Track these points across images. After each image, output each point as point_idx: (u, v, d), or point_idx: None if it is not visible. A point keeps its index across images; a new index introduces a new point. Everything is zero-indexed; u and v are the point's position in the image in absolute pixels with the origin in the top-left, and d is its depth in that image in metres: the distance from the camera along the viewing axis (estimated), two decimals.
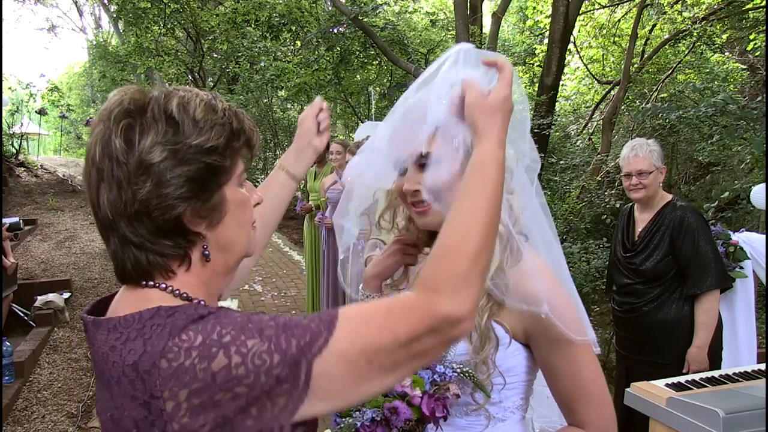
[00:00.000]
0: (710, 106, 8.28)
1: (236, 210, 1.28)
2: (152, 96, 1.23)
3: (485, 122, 1.40)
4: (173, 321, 1.12)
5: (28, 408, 6.21)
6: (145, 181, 1.16)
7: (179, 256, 1.23)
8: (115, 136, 1.18)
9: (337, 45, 15.84)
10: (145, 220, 1.18)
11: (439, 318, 1.15)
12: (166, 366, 1.07)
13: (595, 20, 16.39)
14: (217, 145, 1.21)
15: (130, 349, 1.12)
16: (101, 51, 25.74)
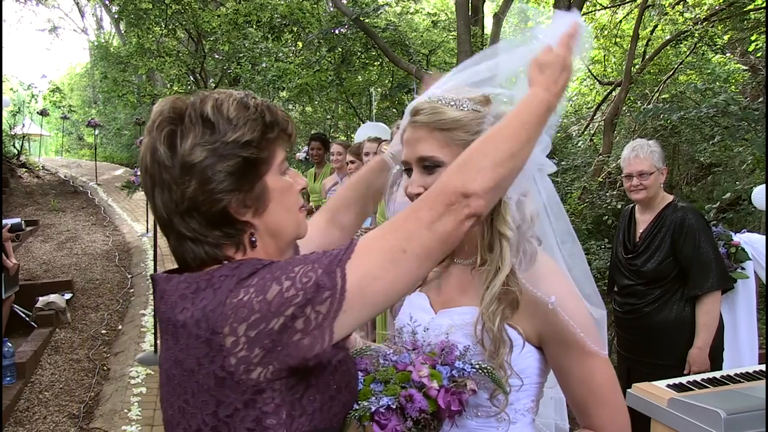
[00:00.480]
0: (711, 107, 8.28)
1: (280, 196, 1.39)
2: (189, 102, 1.37)
3: (537, 76, 1.46)
4: (239, 270, 1.25)
5: (29, 409, 6.22)
6: (190, 180, 1.29)
7: (233, 243, 1.36)
8: (159, 144, 1.32)
9: (339, 46, 15.84)
10: (195, 215, 1.31)
11: (452, 191, 1.25)
12: (228, 304, 1.19)
13: (597, 21, 16.38)
14: (251, 139, 1.32)
15: (201, 297, 1.25)
16: (103, 52, 25.76)
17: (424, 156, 1.64)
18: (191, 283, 1.29)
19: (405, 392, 1.47)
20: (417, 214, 1.25)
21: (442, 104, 1.66)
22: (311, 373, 1.24)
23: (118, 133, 29.51)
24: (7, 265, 7.15)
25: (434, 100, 1.68)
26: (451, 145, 1.62)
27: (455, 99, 1.66)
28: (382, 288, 1.22)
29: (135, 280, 10.48)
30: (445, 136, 1.63)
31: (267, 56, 16.26)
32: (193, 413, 1.25)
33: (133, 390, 6.47)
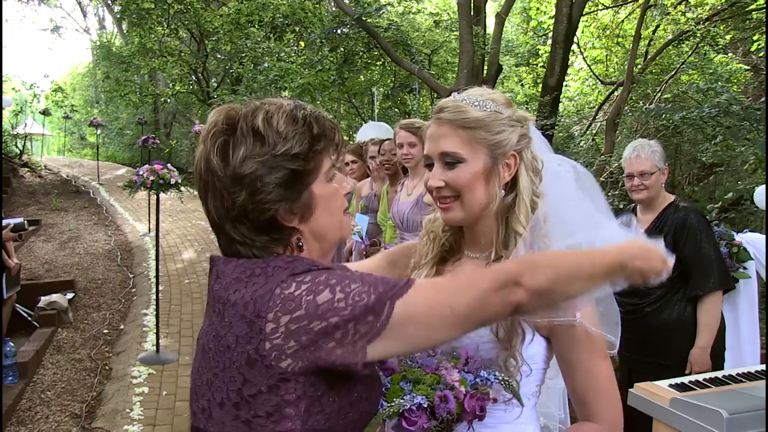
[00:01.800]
0: (714, 106, 8.28)
1: (326, 202, 1.47)
2: (242, 114, 1.43)
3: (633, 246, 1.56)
4: (294, 265, 1.34)
5: (31, 408, 6.22)
6: (240, 190, 1.37)
7: (280, 246, 1.44)
8: (213, 155, 1.40)
9: (341, 46, 15.86)
10: (245, 221, 1.39)
11: (510, 275, 1.33)
12: (278, 293, 1.27)
13: (599, 21, 16.38)
14: (299, 152, 1.39)
15: (254, 282, 1.33)
16: (105, 51, 25.83)
17: (447, 151, 1.74)
18: (247, 269, 1.37)
19: (440, 393, 1.54)
20: (477, 281, 1.35)
21: (467, 104, 1.76)
22: (336, 377, 1.31)
23: (120, 132, 29.59)
24: (9, 265, 7.16)
25: (459, 99, 1.78)
26: (473, 143, 1.73)
27: (479, 99, 1.76)
28: (420, 332, 1.32)
29: (137, 280, 10.48)
30: (468, 134, 1.73)
31: (269, 56, 16.29)
32: (219, 387, 1.33)
33: (135, 390, 6.48)
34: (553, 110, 11.90)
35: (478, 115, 1.74)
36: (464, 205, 1.76)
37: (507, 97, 1.84)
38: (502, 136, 1.75)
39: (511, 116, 1.78)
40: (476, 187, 1.75)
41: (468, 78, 11.85)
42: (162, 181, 7.03)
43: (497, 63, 13.08)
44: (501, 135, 1.75)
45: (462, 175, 1.73)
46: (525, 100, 18.20)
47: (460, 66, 12.27)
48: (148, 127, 24.28)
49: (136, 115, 24.18)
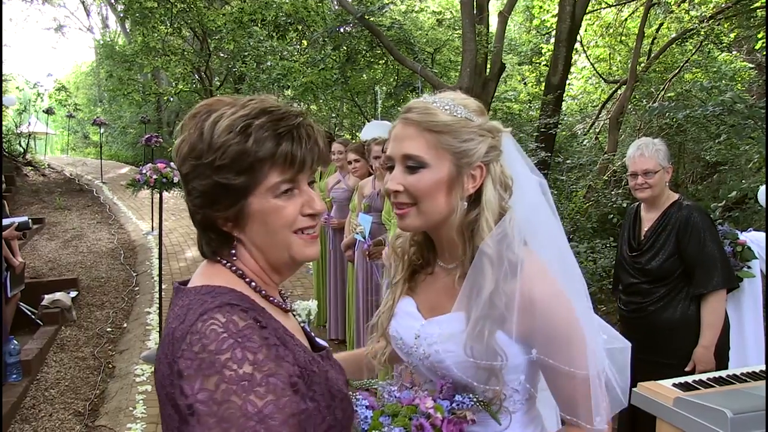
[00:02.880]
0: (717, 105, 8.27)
1: (264, 218, 1.38)
2: (204, 110, 1.40)
3: None
4: (209, 300, 1.28)
5: (35, 406, 6.23)
6: (184, 186, 1.40)
7: (225, 247, 1.43)
8: (176, 144, 1.42)
9: (344, 44, 15.84)
10: (193, 218, 1.43)
11: None
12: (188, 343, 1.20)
13: (602, 19, 16.36)
14: (223, 165, 1.32)
15: (176, 314, 1.30)
16: (108, 50, 25.82)
17: (410, 154, 1.66)
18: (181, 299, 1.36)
19: (416, 421, 1.55)
20: None
21: (437, 106, 1.68)
22: None
23: (123, 131, 29.61)
24: (13, 264, 7.16)
25: (430, 101, 1.70)
26: (438, 149, 1.65)
27: (450, 104, 1.68)
28: None
29: (140, 278, 10.49)
30: (435, 139, 1.65)
31: (272, 55, 16.29)
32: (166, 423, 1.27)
33: (138, 388, 6.48)
34: (556, 109, 11.89)
35: (447, 119, 1.66)
36: (421, 212, 1.68)
37: (480, 105, 1.77)
38: (470, 144, 1.67)
39: (482, 125, 1.71)
40: (437, 195, 1.67)
41: (471, 76, 11.84)
42: (165, 180, 7.04)
43: (500, 61, 13.05)
44: (469, 143, 1.67)
45: (423, 181, 1.65)
46: (528, 98, 18.19)
47: (463, 64, 12.25)
48: (151, 126, 24.30)
49: (139, 113, 24.21)
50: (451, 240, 1.74)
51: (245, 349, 1.18)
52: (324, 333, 7.63)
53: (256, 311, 1.31)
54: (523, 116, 15.91)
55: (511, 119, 14.95)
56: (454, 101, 1.70)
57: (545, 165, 9.90)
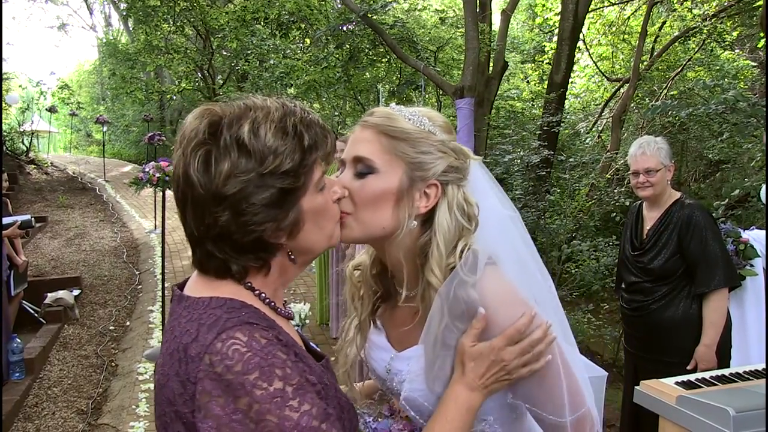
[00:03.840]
0: (720, 103, 8.24)
1: (315, 216, 1.36)
2: (225, 121, 1.27)
3: (459, 367, 1.48)
4: (224, 317, 1.22)
5: (38, 405, 6.25)
6: (223, 210, 1.24)
7: (260, 265, 1.33)
8: (193, 169, 1.25)
9: (347, 42, 15.82)
10: (227, 240, 1.27)
11: None
12: (208, 363, 1.15)
13: (605, 17, 16.33)
14: (290, 169, 1.26)
15: (185, 329, 1.23)
16: (111, 49, 25.84)
17: (361, 156, 1.55)
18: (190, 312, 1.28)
19: None
20: None
21: (400, 114, 1.59)
22: None
23: (126, 129, 29.63)
24: (16, 262, 7.18)
25: (395, 109, 1.62)
26: (392, 155, 1.54)
27: (415, 115, 1.59)
28: None
29: (143, 277, 10.51)
30: (390, 144, 1.54)
31: (275, 53, 16.27)
32: None
33: (140, 386, 6.50)
34: (558, 107, 11.88)
35: (407, 127, 1.55)
36: (360, 224, 1.54)
37: (448, 123, 1.65)
38: (427, 158, 1.55)
39: (445, 142, 1.58)
40: (381, 206, 1.54)
41: (474, 75, 11.82)
42: (168, 178, 7.04)
43: (503, 60, 13.03)
44: (426, 156, 1.54)
45: (368, 186, 1.53)
46: (531, 96, 18.18)
47: (466, 63, 12.23)
48: (154, 124, 24.31)
49: (142, 112, 24.20)
50: (400, 264, 1.60)
51: (273, 366, 1.15)
52: (326, 332, 7.64)
53: (276, 329, 1.26)
54: (526, 114, 15.90)
55: (513, 117, 14.95)
56: (419, 113, 1.60)
57: (548, 163, 9.88)
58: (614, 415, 5.41)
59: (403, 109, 1.60)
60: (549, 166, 10.04)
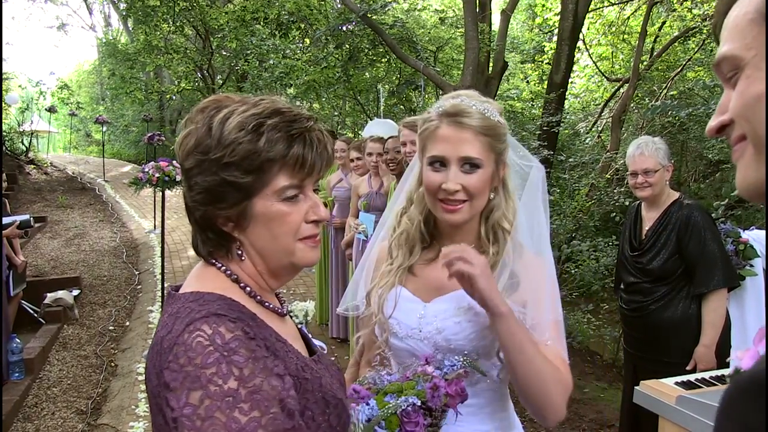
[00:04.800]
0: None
1: (267, 222, 1.36)
2: (214, 105, 1.37)
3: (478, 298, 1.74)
4: (196, 309, 1.25)
5: (37, 405, 6.24)
6: (186, 181, 1.37)
7: (222, 248, 1.40)
8: (180, 138, 1.39)
9: (346, 42, 15.82)
10: (190, 215, 1.40)
11: None
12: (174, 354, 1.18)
13: (605, 17, 16.34)
14: (231, 162, 1.29)
15: (164, 323, 1.28)
16: (111, 49, 25.83)
17: (471, 156, 1.82)
18: (171, 306, 1.33)
19: (429, 384, 1.64)
20: None
21: (487, 113, 1.85)
22: None
23: (125, 129, 29.63)
24: (15, 263, 7.17)
25: (478, 106, 1.85)
26: (489, 151, 1.84)
27: (489, 108, 1.87)
28: None
29: (142, 277, 10.51)
30: (488, 142, 1.84)
31: (274, 53, 16.28)
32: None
33: (140, 386, 6.49)
34: (558, 107, 11.89)
35: (494, 124, 1.85)
36: (473, 207, 1.87)
37: (501, 107, 1.98)
38: (504, 146, 1.90)
39: (505, 125, 1.92)
40: (485, 191, 1.88)
41: (473, 75, 11.82)
42: (167, 178, 7.04)
43: (503, 60, 13.04)
44: (504, 145, 1.90)
45: (479, 180, 1.84)
46: (531, 96, 18.17)
47: (466, 63, 12.23)
48: (154, 124, 24.32)
49: (142, 112, 24.20)
50: (472, 226, 1.94)
51: (231, 364, 1.15)
52: (326, 332, 7.63)
53: (246, 321, 1.26)
54: (526, 114, 15.88)
55: (513, 117, 14.93)
56: (487, 106, 1.87)
57: (548, 163, 9.88)
58: (614, 416, 5.41)
59: (480, 105, 1.86)
60: (549, 166, 10.04)
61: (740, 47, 0.89)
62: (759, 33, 0.84)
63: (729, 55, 0.92)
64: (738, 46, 0.89)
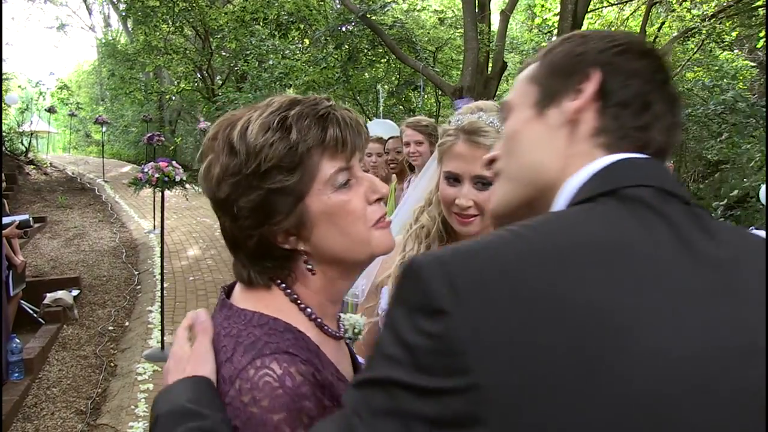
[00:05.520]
0: (719, 103, 8.27)
1: (330, 218, 1.22)
2: (227, 122, 1.25)
3: None
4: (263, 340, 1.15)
5: (37, 405, 6.24)
6: (224, 215, 1.22)
7: (283, 270, 1.25)
8: (200, 176, 1.25)
9: (346, 43, 15.85)
10: (241, 247, 1.23)
11: None
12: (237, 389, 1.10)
13: (604, 18, 16.36)
14: (273, 166, 1.16)
15: (224, 345, 1.17)
16: (110, 49, 25.89)
17: (485, 176, 1.83)
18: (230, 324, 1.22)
19: None
20: None
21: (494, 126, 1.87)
22: None
23: (125, 130, 29.62)
24: (14, 263, 7.18)
25: (488, 121, 1.89)
26: None
27: (493, 123, 1.88)
28: None
29: (142, 277, 10.50)
30: None
31: (274, 53, 16.30)
32: None
33: (140, 386, 6.49)
34: None
35: None
36: (483, 221, 1.90)
37: None
38: None
39: None
40: None
41: (473, 75, 11.84)
42: (167, 179, 7.04)
43: (502, 60, 13.07)
44: None
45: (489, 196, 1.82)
46: None
47: (465, 63, 12.25)
48: (153, 125, 24.31)
49: (141, 112, 24.19)
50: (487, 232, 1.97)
51: (301, 411, 1.08)
52: None
53: (315, 363, 1.17)
54: None
55: None
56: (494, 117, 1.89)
57: None
58: None
59: (495, 120, 1.87)
60: None
61: (514, 97, 1.15)
62: (527, 89, 1.12)
63: (506, 101, 1.18)
64: (513, 96, 1.16)
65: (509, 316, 0.76)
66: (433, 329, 0.77)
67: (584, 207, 0.94)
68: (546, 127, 1.07)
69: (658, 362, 0.76)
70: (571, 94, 1.05)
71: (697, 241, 0.88)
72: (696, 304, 0.82)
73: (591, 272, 0.80)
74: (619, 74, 1.04)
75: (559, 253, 0.82)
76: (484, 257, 0.83)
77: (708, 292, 0.84)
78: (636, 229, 0.87)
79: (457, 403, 0.75)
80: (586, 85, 1.03)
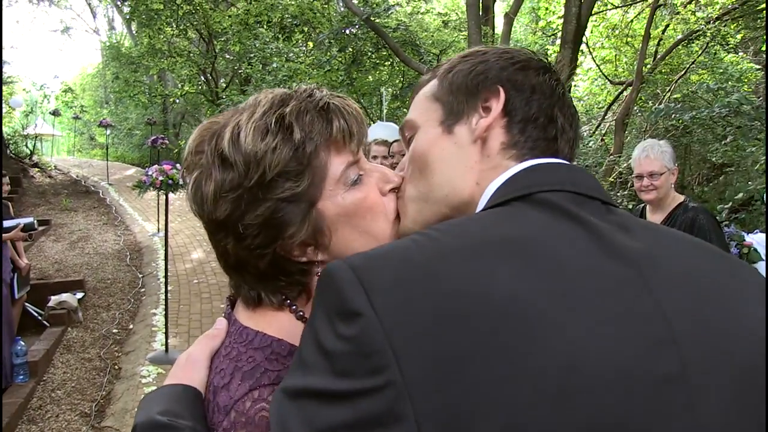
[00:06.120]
0: (724, 106, 8.25)
1: (349, 219, 1.11)
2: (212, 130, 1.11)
3: None
4: (263, 365, 1.06)
5: (42, 407, 6.25)
6: (226, 236, 1.08)
7: (297, 286, 1.13)
8: (188, 195, 1.11)
9: (350, 46, 15.85)
10: (247, 268, 1.10)
11: None
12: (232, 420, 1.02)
13: (608, 21, 16.34)
14: (279, 173, 1.03)
15: (222, 368, 1.09)
16: (114, 52, 25.94)
17: None
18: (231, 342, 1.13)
19: None
20: None
21: None
22: None
23: (129, 133, 29.71)
24: (19, 265, 7.19)
25: None
26: None
27: None
28: None
29: (146, 280, 10.51)
30: None
31: (278, 56, 16.31)
32: None
33: (144, 389, 6.50)
34: None
35: None
36: None
37: None
38: None
39: None
40: None
41: None
42: (171, 182, 7.05)
43: None
44: None
45: None
46: None
47: None
48: (157, 128, 24.38)
49: (145, 115, 24.29)
50: None
51: None
52: None
53: None
54: None
55: None
56: None
57: None
58: None
59: None
60: None
61: (417, 115, 1.16)
62: (429, 107, 1.13)
63: (409, 119, 1.17)
64: (416, 115, 1.16)
65: (422, 311, 0.77)
66: (349, 332, 0.78)
67: (496, 210, 0.96)
68: (455, 145, 1.08)
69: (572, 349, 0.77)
70: (479, 112, 1.07)
71: (611, 237, 0.90)
72: (610, 295, 0.84)
73: (503, 266, 0.81)
74: (522, 90, 1.08)
75: (471, 249, 0.84)
76: (395, 258, 0.83)
77: (622, 283, 0.86)
78: (548, 228, 0.89)
79: (376, 402, 0.76)
80: (493, 103, 1.06)
